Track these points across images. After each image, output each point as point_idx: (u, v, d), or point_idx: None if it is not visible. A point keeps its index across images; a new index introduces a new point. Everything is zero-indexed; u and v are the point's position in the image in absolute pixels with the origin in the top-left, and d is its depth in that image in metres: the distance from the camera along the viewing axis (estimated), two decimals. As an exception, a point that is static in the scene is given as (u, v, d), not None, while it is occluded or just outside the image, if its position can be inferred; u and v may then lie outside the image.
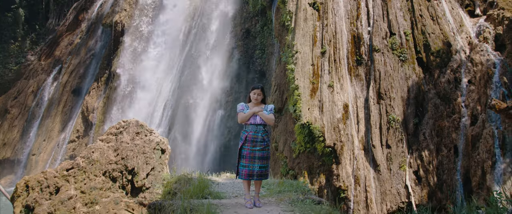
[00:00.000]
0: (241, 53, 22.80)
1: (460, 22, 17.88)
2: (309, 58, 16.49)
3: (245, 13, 23.21)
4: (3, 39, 35.53)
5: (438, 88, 15.87)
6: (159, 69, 25.18)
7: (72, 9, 34.52)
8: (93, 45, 30.24)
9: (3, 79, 33.66)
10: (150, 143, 13.52)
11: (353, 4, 17.96)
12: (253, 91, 6.92)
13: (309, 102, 15.43)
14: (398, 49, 16.65)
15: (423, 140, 15.03)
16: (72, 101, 29.14)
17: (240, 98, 21.96)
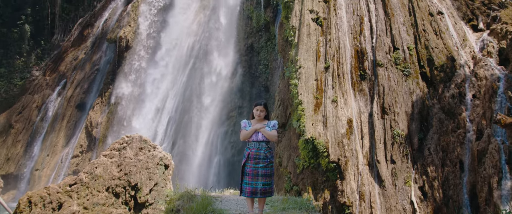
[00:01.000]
0: (245, 68, 22.85)
1: (464, 37, 17.88)
2: (313, 73, 16.49)
3: (249, 28, 23.35)
4: (8, 55, 35.83)
5: (442, 103, 15.79)
6: (163, 85, 25.25)
7: (77, 25, 34.85)
8: (98, 61, 30.43)
9: (8, 94, 33.83)
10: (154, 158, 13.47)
11: (356, 19, 18.02)
12: (256, 107, 6.87)
13: (313, 118, 15.37)
14: (401, 64, 16.64)
15: (428, 155, 14.91)
16: (76, 116, 29.20)
17: (244, 113, 21.93)
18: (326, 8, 18.15)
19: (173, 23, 27.13)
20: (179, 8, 27.45)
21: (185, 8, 27.23)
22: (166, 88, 25.01)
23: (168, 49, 26.29)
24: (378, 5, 18.37)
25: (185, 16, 26.70)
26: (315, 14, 17.98)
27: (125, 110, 26.02)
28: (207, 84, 23.52)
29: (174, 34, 26.40)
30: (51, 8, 37.17)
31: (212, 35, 24.58)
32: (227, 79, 23.08)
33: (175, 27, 26.74)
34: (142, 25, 28.23)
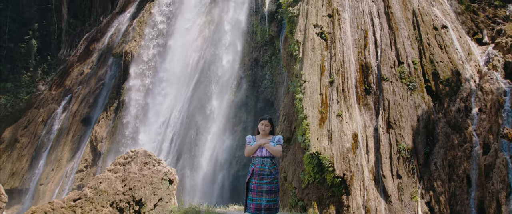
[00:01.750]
0: (249, 82, 22.89)
1: (468, 51, 17.85)
2: (318, 88, 16.48)
3: (253, 43, 23.46)
4: (15, 70, 36.11)
5: (448, 117, 15.69)
6: (167, 99, 25.30)
7: (83, 40, 35.15)
8: (103, 75, 30.60)
9: (14, 109, 33.99)
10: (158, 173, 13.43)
11: (360, 33, 18.06)
12: (261, 122, 6.86)
13: (318, 132, 15.31)
14: (406, 78, 16.60)
15: (434, 169, 14.77)
16: (81, 131, 29.26)
17: (248, 128, 21.88)
18: (331, 23, 18.23)
19: (178, 38, 27.29)
20: (184, 24, 27.65)
21: (190, 23, 27.42)
22: (170, 103, 25.05)
23: (173, 64, 26.40)
24: (382, 20, 18.43)
25: (190, 31, 26.88)
26: (319, 29, 18.05)
27: (130, 124, 26.05)
28: (211, 99, 23.54)
29: (179, 49, 26.54)
30: (58, 24, 37.56)
31: (217, 50, 24.70)
32: (231, 94, 23.11)
33: (180, 42, 26.88)
34: (148, 40, 28.43)
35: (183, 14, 28.34)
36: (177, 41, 27.17)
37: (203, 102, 23.73)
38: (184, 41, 26.71)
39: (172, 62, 26.50)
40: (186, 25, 27.62)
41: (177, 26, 28.06)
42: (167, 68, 26.67)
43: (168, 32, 28.17)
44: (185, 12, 28.30)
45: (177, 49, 26.67)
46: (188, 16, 27.98)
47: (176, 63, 26.17)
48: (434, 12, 18.86)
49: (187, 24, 27.62)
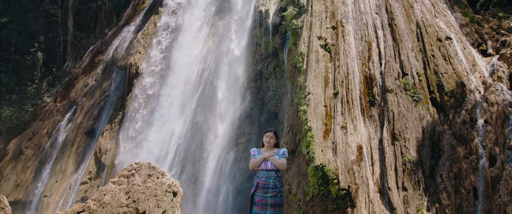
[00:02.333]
0: (253, 94, 22.89)
1: (473, 62, 17.82)
2: (322, 100, 16.45)
3: (257, 55, 23.52)
4: (21, 82, 36.35)
5: (453, 129, 15.60)
6: (172, 111, 25.34)
7: (88, 52, 35.39)
8: (108, 87, 30.73)
9: (19, 121, 34.13)
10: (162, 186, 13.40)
11: (364, 45, 18.09)
12: (266, 134, 6.85)
13: (322, 144, 15.24)
14: (411, 90, 16.56)
15: (440, 182, 14.63)
16: (85, 143, 29.30)
17: (253, 140, 21.83)
18: (334, 35, 18.28)
19: (183, 50, 27.43)
20: (188, 35, 27.82)
21: (194, 35, 27.59)
22: (175, 114, 25.08)
23: (177, 76, 26.49)
24: (386, 31, 18.47)
25: (194, 43, 27.02)
26: (323, 41, 18.09)
27: (134, 136, 26.06)
28: (215, 111, 23.56)
29: (183, 61, 26.66)
30: (64, 36, 37.89)
31: (221, 62, 24.79)
32: (236, 105, 23.11)
33: (184, 54, 27.02)
34: (152, 52, 28.59)
35: (187, 26, 28.53)
36: (182, 53, 27.30)
37: (207, 114, 23.74)
38: (188, 52, 26.84)
39: (177, 74, 26.59)
40: (191, 36, 27.78)
41: (182, 37, 28.22)
42: (171, 80, 26.76)
43: (173, 44, 28.32)
44: (190, 23, 28.50)
45: (182, 61, 26.79)
46: (192, 27, 28.17)
47: (181, 75, 26.25)
48: (438, 24, 18.89)
49: (191, 35, 27.78)
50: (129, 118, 26.70)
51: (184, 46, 27.40)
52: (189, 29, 28.11)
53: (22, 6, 38.31)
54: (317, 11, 19.09)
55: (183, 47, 27.45)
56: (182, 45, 27.69)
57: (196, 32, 27.77)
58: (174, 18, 29.48)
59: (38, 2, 38.82)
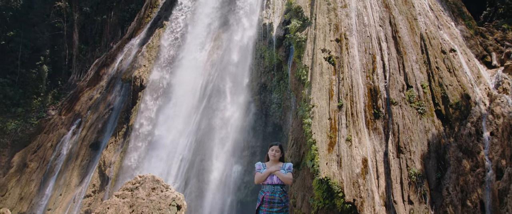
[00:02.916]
0: (258, 107, 22.87)
1: (478, 74, 17.78)
2: (326, 112, 16.42)
3: (262, 67, 23.56)
4: (26, 95, 36.58)
5: (459, 141, 15.49)
6: (176, 123, 25.32)
7: (93, 65, 35.60)
8: (112, 100, 30.83)
9: (24, 134, 34.24)
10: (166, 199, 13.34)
11: (368, 57, 18.10)
12: (272, 147, 6.81)
13: (327, 157, 15.17)
14: (415, 102, 16.51)
15: (446, 195, 14.49)
16: (90, 156, 29.30)
17: (257, 153, 21.75)
18: (338, 47, 18.31)
19: (187, 62, 27.54)
20: (193, 48, 27.95)
21: (199, 48, 27.71)
22: (179, 127, 25.05)
23: (181, 88, 26.54)
24: (390, 44, 18.49)
25: (199, 56, 27.12)
26: (327, 53, 18.12)
27: (138, 148, 26.04)
28: (220, 124, 23.53)
29: (188, 73, 26.74)
30: (69, 49, 38.20)
31: (225, 75, 24.83)
32: (240, 118, 23.09)
33: (188, 66, 27.11)
34: (157, 64, 28.73)
35: (192, 39, 28.68)
36: (186, 66, 27.39)
37: (211, 126, 23.72)
38: (192, 65, 26.93)
39: (181, 86, 26.65)
40: (195, 49, 27.91)
41: (186, 50, 28.35)
42: (175, 93, 26.80)
43: (177, 57, 28.45)
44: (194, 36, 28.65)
45: (186, 73, 26.86)
46: (197, 40, 28.31)
47: (185, 87, 26.30)
48: (442, 36, 18.90)
49: (196, 49, 27.91)
50: (133, 131, 26.72)
51: (189, 59, 27.51)
52: (193, 42, 28.25)
53: (29, 20, 38.72)
54: (321, 24, 19.16)
55: (188, 59, 27.56)
56: (186, 58, 27.80)
57: (201, 45, 27.90)
58: (178, 31, 29.67)
59: (44, 16, 39.24)
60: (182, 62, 27.76)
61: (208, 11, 29.06)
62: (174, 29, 29.77)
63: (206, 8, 29.22)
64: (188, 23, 29.53)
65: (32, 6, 38.77)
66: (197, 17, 29.32)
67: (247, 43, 24.93)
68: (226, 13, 27.74)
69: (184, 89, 26.24)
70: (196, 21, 29.19)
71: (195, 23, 29.08)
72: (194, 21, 29.30)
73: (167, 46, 29.31)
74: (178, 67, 27.87)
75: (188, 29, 29.25)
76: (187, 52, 28.01)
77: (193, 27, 29.02)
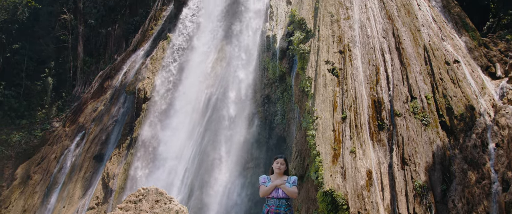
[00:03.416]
0: (261, 119, 22.85)
1: (482, 85, 17.71)
2: (330, 124, 16.37)
3: (265, 79, 23.59)
4: (31, 107, 36.78)
5: (464, 153, 15.38)
6: (179, 136, 25.31)
7: (97, 77, 35.81)
8: (116, 112, 30.91)
9: (28, 146, 34.36)
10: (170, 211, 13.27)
11: (372, 69, 18.09)
12: (277, 160, 6.79)
13: (331, 169, 15.09)
14: (420, 113, 16.44)
15: (452, 207, 14.35)
16: (93, 168, 29.29)
17: (261, 165, 21.67)
18: (342, 59, 18.33)
19: (191, 74, 27.63)
20: (196, 60, 28.07)
21: (202, 59, 27.82)
22: (183, 139, 25.03)
23: (185, 100, 26.59)
24: (394, 55, 18.49)
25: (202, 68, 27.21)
26: (330, 65, 18.13)
27: (142, 160, 26.01)
28: (224, 135, 23.50)
29: (191, 85, 26.81)
30: (74, 61, 38.50)
31: (229, 87, 24.86)
32: (243, 130, 23.05)
33: (192, 78, 27.19)
34: (161, 77, 28.83)
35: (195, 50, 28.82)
36: (190, 78, 27.48)
37: (215, 138, 23.69)
38: (196, 77, 27.01)
39: (185, 98, 26.70)
40: (199, 61, 28.02)
41: (190, 62, 28.48)
42: (179, 105, 26.85)
43: (181, 69, 28.56)
44: (198, 48, 28.79)
45: (190, 85, 26.93)
46: (200, 52, 28.44)
47: (189, 99, 26.35)
48: (445, 47, 18.89)
49: (199, 61, 28.02)
50: (137, 143, 26.73)
51: (192, 71, 27.61)
52: (197, 53, 28.38)
53: (34, 33, 39.11)
54: (324, 36, 19.21)
55: (191, 71, 27.65)
56: (190, 70, 27.91)
57: (204, 56, 28.01)
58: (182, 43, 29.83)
59: (49, 29, 39.64)
60: (186, 74, 27.85)
61: (211, 23, 29.23)
62: (178, 41, 29.93)
63: (210, 20, 29.41)
64: (191, 35, 29.70)
65: (37, 19, 39.19)
66: (200, 29, 29.49)
67: (251, 55, 25.02)
68: (230, 25, 27.89)
69: (188, 101, 26.29)
70: (199, 33, 29.35)
71: (199, 35, 29.24)
72: (198, 33, 29.46)
73: (170, 58, 29.45)
74: (182, 79, 27.96)
75: (192, 41, 29.41)
76: (191, 64, 28.12)
77: (196, 39, 29.18)
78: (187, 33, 30.10)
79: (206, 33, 28.97)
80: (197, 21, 30.15)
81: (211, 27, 28.98)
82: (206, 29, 29.24)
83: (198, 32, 29.53)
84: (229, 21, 28.05)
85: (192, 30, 29.94)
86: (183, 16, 30.95)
